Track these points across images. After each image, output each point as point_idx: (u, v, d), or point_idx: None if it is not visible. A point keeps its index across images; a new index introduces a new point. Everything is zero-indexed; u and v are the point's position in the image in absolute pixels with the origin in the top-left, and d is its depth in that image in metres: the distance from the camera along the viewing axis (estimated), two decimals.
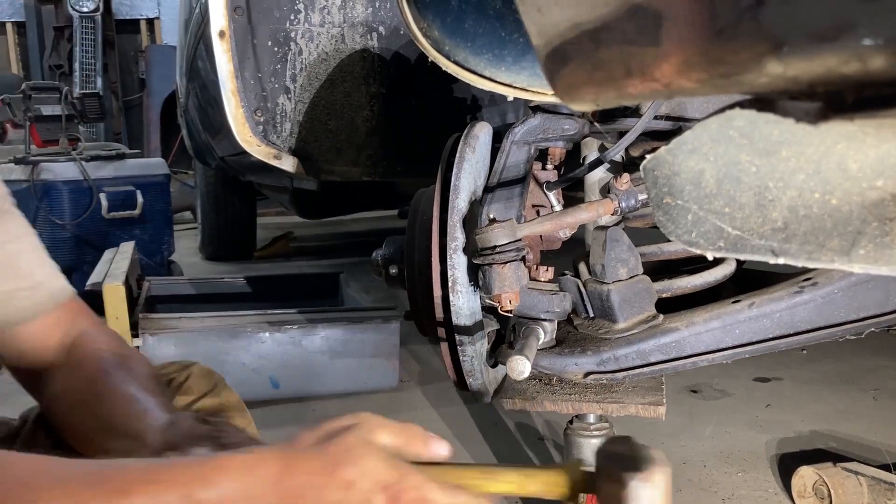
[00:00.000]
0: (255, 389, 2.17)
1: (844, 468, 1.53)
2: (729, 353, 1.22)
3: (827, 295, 1.19)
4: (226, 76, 1.80)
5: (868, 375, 2.41)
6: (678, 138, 0.52)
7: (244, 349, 2.19)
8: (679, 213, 0.56)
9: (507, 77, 0.98)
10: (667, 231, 0.56)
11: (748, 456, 1.88)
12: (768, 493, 1.70)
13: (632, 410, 1.17)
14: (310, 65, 1.84)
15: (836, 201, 0.50)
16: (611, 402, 1.18)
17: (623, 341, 1.24)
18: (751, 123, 0.50)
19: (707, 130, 0.52)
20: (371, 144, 1.93)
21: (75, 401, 0.86)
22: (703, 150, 0.55)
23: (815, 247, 0.50)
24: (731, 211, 0.54)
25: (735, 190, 0.54)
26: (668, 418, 2.11)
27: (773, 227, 0.52)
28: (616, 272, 1.25)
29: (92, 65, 7.55)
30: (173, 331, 2.15)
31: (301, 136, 1.88)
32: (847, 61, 0.29)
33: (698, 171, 0.55)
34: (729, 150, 0.52)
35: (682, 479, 1.78)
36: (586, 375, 1.26)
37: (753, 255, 0.53)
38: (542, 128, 1.32)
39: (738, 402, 2.26)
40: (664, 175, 0.56)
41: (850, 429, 2.01)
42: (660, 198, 0.55)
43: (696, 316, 1.23)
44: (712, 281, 1.33)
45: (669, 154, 0.55)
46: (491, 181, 1.32)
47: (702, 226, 0.56)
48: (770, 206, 0.52)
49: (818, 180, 0.50)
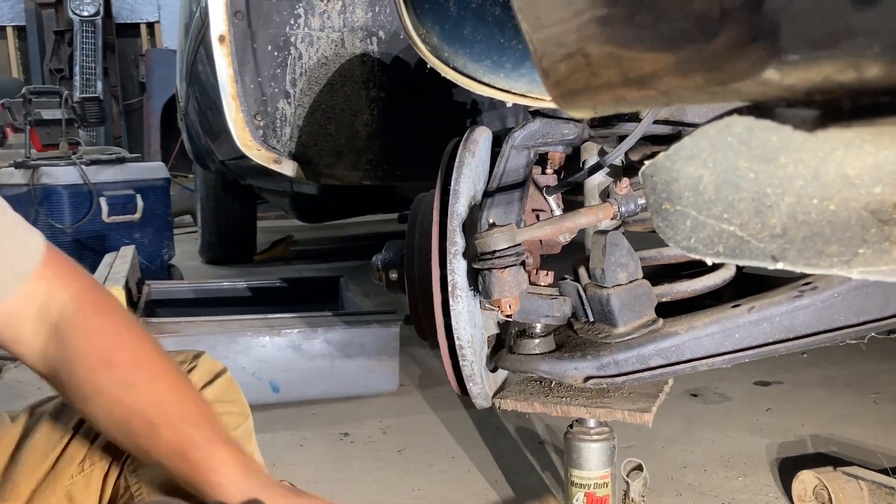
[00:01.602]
0: (255, 394, 2.16)
1: (845, 472, 1.52)
2: (729, 357, 1.22)
3: (827, 299, 1.19)
4: (226, 80, 1.81)
5: (869, 379, 2.41)
6: (677, 144, 0.52)
7: (244, 353, 2.19)
8: (678, 218, 0.56)
9: (506, 83, 0.99)
10: (665, 237, 0.56)
11: (748, 460, 1.88)
12: (769, 497, 1.70)
13: (618, 416, 1.17)
14: (310, 69, 1.84)
15: (835, 207, 0.50)
16: (599, 407, 1.18)
17: (623, 346, 1.23)
18: (749, 130, 0.50)
19: (706, 137, 0.52)
20: (371, 149, 1.94)
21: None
22: (701, 156, 0.55)
23: (813, 252, 0.50)
24: (730, 217, 0.54)
25: (733, 196, 0.54)
26: (667, 423, 2.12)
27: (772, 233, 0.52)
28: (616, 276, 1.25)
29: (92, 69, 7.57)
30: (173, 334, 2.16)
31: (301, 140, 1.88)
32: (844, 70, 0.29)
33: (697, 177, 0.55)
34: (727, 156, 0.52)
35: (683, 484, 1.78)
36: (586, 380, 1.26)
37: (752, 260, 0.53)
38: (542, 132, 1.32)
39: (738, 406, 2.26)
40: (663, 181, 0.56)
41: (850, 433, 2.00)
42: (658, 203, 0.55)
43: (696, 320, 1.23)
44: (712, 285, 1.33)
45: (668, 160, 0.55)
46: (490, 186, 1.32)
47: (700, 231, 0.56)
48: (768, 212, 0.52)
49: (816, 186, 0.50)
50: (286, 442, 2.11)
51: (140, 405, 0.82)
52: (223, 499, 0.79)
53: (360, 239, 6.14)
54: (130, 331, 0.88)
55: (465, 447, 2.00)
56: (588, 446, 1.29)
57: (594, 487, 1.29)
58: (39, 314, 0.86)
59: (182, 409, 0.83)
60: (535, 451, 1.96)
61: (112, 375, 0.83)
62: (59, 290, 0.87)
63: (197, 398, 0.86)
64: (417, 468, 1.92)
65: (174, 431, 0.81)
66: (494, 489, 1.78)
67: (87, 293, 0.88)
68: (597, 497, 1.29)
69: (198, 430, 0.82)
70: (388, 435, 2.14)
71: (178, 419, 0.82)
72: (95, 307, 0.88)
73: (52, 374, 0.86)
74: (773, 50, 0.31)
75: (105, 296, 0.91)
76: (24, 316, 0.86)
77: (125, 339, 0.86)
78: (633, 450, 1.92)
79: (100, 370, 0.83)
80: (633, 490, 1.32)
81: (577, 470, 1.30)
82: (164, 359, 0.87)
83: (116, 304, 0.91)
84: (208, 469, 0.80)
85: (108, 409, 0.83)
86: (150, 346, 0.87)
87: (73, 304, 0.86)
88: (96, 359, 0.84)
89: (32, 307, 0.86)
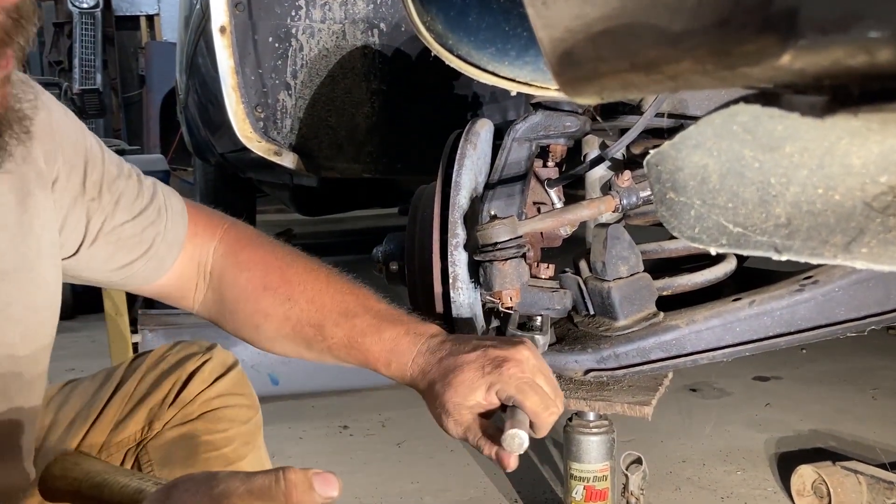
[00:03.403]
0: (255, 386, 2.16)
1: (844, 467, 1.53)
2: (729, 350, 1.22)
3: (827, 293, 1.19)
4: (226, 72, 1.80)
5: (867, 375, 2.41)
6: (682, 133, 0.52)
7: (243, 346, 2.17)
8: (682, 208, 0.56)
9: (510, 72, 0.98)
10: (670, 227, 0.55)
11: (747, 454, 1.89)
12: (767, 491, 1.70)
13: (618, 409, 1.17)
14: (310, 61, 1.84)
15: (840, 197, 0.49)
16: (598, 400, 1.18)
17: (623, 339, 1.23)
18: (755, 119, 0.50)
19: (711, 125, 0.51)
20: (371, 141, 1.93)
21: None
22: (706, 145, 0.54)
23: (818, 243, 0.50)
24: (735, 206, 0.54)
25: (738, 185, 0.53)
26: (667, 417, 2.12)
27: (776, 223, 0.52)
28: (617, 270, 1.25)
29: (91, 61, 7.56)
30: (172, 327, 2.15)
31: (301, 132, 1.88)
32: (854, 54, 0.29)
33: (702, 167, 0.55)
34: (732, 145, 0.52)
35: (681, 478, 1.78)
36: (587, 373, 1.26)
37: (756, 251, 0.53)
38: (544, 125, 1.32)
39: (737, 400, 2.26)
40: (667, 170, 0.56)
41: (849, 428, 2.01)
42: (663, 193, 0.54)
43: (696, 314, 1.23)
44: (713, 279, 1.33)
45: (673, 149, 0.55)
46: (492, 178, 1.32)
47: (705, 221, 0.56)
48: (773, 202, 0.52)
49: (821, 176, 0.50)
50: (285, 434, 2.11)
51: (304, 314, 0.90)
52: (398, 371, 0.86)
53: (360, 233, 6.13)
54: (274, 253, 0.95)
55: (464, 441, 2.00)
56: (587, 439, 1.29)
57: (593, 480, 1.29)
58: (199, 270, 0.94)
59: (340, 302, 0.89)
60: (535, 445, 1.96)
61: (272, 297, 0.91)
62: (209, 242, 0.95)
63: (349, 286, 0.92)
64: (416, 461, 1.92)
65: (339, 327, 0.88)
66: (494, 482, 1.78)
67: (229, 234, 0.96)
68: (596, 490, 1.30)
69: (358, 319, 0.88)
70: (388, 428, 2.14)
71: (339, 314, 0.88)
72: (239, 243, 0.95)
73: (220, 317, 0.95)
74: (783, 34, 0.31)
75: (244, 230, 0.98)
76: (188, 276, 0.94)
77: (271, 262, 0.93)
78: (632, 444, 1.92)
79: (260, 297, 0.91)
80: (632, 483, 1.32)
81: (577, 463, 1.30)
82: (308, 264, 0.94)
83: (254, 233, 0.98)
84: (378, 352, 0.86)
85: (277, 328, 0.91)
86: (294, 259, 0.94)
87: (221, 248, 0.95)
88: (253, 289, 0.92)
89: (192, 266, 0.94)
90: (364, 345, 0.87)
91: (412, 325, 0.87)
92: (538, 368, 0.81)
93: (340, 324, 0.88)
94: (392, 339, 0.86)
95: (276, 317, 0.91)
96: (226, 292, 0.94)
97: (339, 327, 0.88)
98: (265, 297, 0.91)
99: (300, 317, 0.90)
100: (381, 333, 0.86)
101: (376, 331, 0.87)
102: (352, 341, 0.87)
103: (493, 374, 0.79)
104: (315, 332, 0.89)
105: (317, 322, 0.89)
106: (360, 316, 0.88)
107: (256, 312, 0.92)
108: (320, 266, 0.94)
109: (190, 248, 0.94)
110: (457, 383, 0.80)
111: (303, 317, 0.90)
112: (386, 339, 0.86)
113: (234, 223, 0.99)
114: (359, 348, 0.87)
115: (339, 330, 0.88)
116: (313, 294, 0.90)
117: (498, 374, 0.79)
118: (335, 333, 0.88)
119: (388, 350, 0.86)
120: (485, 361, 0.80)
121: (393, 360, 0.86)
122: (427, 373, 0.84)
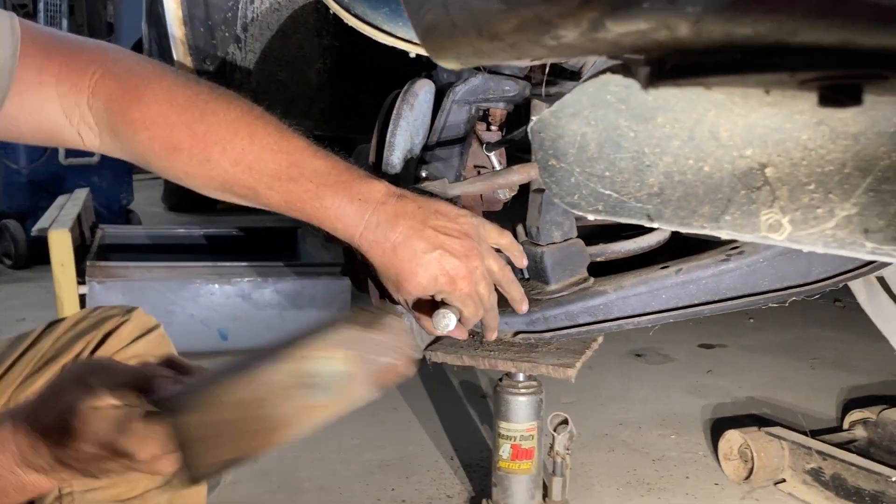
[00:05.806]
0: (204, 341, 2.17)
1: (768, 433, 1.57)
2: (654, 317, 1.24)
3: (752, 264, 1.21)
4: (174, 23, 1.77)
5: (809, 345, 2.47)
6: (561, 100, 0.53)
7: (192, 300, 2.18)
8: (563, 175, 0.57)
9: (405, 32, 0.97)
10: (552, 193, 0.57)
11: (683, 419, 1.93)
12: (698, 455, 1.75)
13: (543, 370, 1.19)
14: (261, 14, 1.81)
15: (709, 168, 0.51)
16: (524, 361, 1.20)
17: (552, 302, 1.25)
18: (626, 88, 0.51)
19: (586, 93, 0.52)
20: (323, 98, 1.91)
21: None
22: (584, 113, 0.55)
23: (687, 212, 0.52)
24: (612, 175, 0.55)
25: (615, 154, 0.55)
26: (610, 380, 2.16)
27: (650, 192, 0.53)
28: (550, 234, 1.26)
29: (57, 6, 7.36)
30: (121, 279, 2.14)
31: (251, 86, 1.85)
32: (657, 28, 0.30)
33: (581, 135, 0.56)
34: (608, 114, 0.53)
35: (616, 440, 1.82)
36: (516, 334, 1.28)
37: (630, 218, 0.54)
38: (484, 88, 1.32)
39: (680, 367, 2.31)
40: (549, 137, 0.57)
41: (785, 396, 2.06)
42: (545, 160, 0.55)
43: (624, 280, 1.25)
44: (646, 246, 1.35)
45: (554, 117, 0.56)
46: (430, 140, 1.32)
47: (583, 188, 0.57)
48: (647, 172, 0.53)
49: (692, 147, 0.51)
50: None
51: (229, 175, 0.80)
52: (347, 238, 0.81)
53: None
54: (174, 104, 0.80)
55: (408, 400, 2.02)
56: (515, 399, 1.32)
57: (520, 440, 1.32)
58: (74, 122, 0.81)
59: (270, 163, 0.80)
60: (477, 405, 2.00)
61: (186, 157, 0.80)
62: (76, 95, 0.80)
63: (276, 142, 0.81)
64: (358, 417, 1.92)
65: (273, 190, 0.80)
66: (433, 441, 1.81)
67: (104, 85, 0.80)
68: (522, 449, 1.32)
69: (293, 184, 0.80)
70: None
71: (271, 177, 0.80)
72: (124, 97, 0.80)
73: (135, 162, 0.84)
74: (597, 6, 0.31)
75: (126, 74, 0.81)
76: (51, 123, 0.81)
77: (173, 118, 0.80)
78: (573, 406, 1.96)
79: (172, 158, 0.80)
80: (557, 443, 1.35)
81: (505, 422, 1.33)
82: (222, 114, 0.80)
83: (142, 75, 0.81)
84: (322, 218, 0.81)
85: (203, 184, 0.82)
86: (203, 108, 0.80)
87: (99, 104, 0.80)
88: (160, 149, 0.80)
89: (55, 115, 0.80)
90: (304, 210, 0.81)
91: (356, 189, 0.81)
92: (482, 275, 0.83)
93: (274, 187, 0.80)
94: (336, 208, 0.80)
95: (197, 175, 0.81)
96: (129, 147, 0.81)
97: (274, 191, 0.80)
98: (178, 157, 0.80)
99: (225, 178, 0.81)
100: (322, 200, 0.80)
101: (315, 197, 0.80)
102: (290, 205, 0.81)
103: (445, 287, 0.81)
104: (247, 191, 0.81)
105: (247, 184, 0.80)
106: (296, 180, 0.80)
107: (171, 170, 0.81)
108: (236, 114, 0.81)
109: (45, 91, 0.79)
110: (410, 287, 0.81)
111: (228, 178, 0.80)
112: (329, 206, 0.80)
113: (108, 67, 0.81)
114: (299, 213, 0.81)
115: (274, 193, 0.80)
116: (235, 155, 0.80)
117: (450, 290, 0.81)
118: (270, 196, 0.81)
119: (333, 217, 0.81)
120: (440, 272, 0.81)
121: (339, 228, 0.81)
122: (379, 255, 0.81)
